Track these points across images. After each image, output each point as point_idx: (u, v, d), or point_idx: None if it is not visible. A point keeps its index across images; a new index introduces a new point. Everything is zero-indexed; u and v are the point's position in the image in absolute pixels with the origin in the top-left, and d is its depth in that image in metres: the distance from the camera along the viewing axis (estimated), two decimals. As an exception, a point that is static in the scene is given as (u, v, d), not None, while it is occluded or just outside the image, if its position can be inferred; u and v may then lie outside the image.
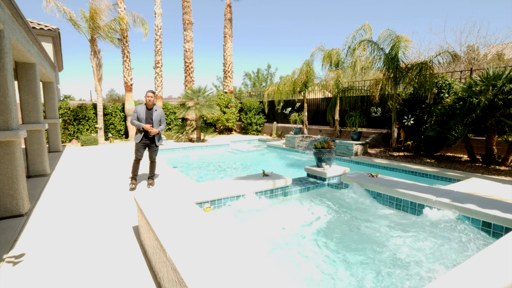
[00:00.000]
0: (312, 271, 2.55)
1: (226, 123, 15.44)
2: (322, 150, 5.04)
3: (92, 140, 11.63)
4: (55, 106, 9.45)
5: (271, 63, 34.63)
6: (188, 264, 1.82)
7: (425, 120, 8.51)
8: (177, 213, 2.78)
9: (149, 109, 5.35)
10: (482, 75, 6.91)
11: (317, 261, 2.70)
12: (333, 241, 3.06)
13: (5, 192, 3.82)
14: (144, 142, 5.34)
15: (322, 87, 12.02)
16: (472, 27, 22.44)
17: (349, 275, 2.47)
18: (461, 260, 2.55)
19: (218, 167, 8.15)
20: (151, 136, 5.33)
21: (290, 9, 64.25)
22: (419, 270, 2.45)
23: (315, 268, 2.59)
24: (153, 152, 5.44)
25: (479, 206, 3.10)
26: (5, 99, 3.73)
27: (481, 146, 7.88)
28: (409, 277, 2.38)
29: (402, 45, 8.50)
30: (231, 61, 17.08)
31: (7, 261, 2.78)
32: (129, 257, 2.86)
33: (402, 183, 4.10)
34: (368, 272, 2.49)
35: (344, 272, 2.52)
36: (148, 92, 5.27)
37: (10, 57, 3.87)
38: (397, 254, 2.72)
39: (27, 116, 6.16)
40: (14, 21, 4.25)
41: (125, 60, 13.33)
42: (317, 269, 2.57)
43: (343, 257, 2.75)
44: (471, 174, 5.87)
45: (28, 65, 5.97)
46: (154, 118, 5.32)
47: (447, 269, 2.42)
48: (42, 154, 6.34)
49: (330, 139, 5.32)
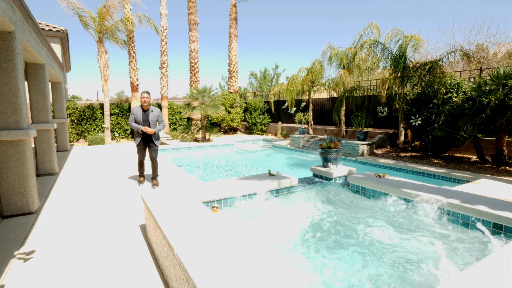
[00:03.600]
0: (318, 270, 2.54)
1: (231, 123, 15.46)
2: (328, 150, 5.01)
3: (99, 140, 11.76)
4: (63, 106, 9.59)
5: (276, 63, 34.55)
6: (196, 263, 1.82)
7: (433, 120, 8.41)
8: (184, 212, 2.79)
9: (145, 111, 5.32)
10: (492, 74, 6.80)
11: (323, 261, 2.68)
12: (339, 241, 3.04)
13: (16, 190, 3.89)
14: (143, 144, 5.39)
15: (328, 87, 11.95)
16: (481, 26, 22.10)
17: (354, 274, 2.46)
18: (472, 262, 2.51)
19: (223, 167, 8.17)
20: (149, 137, 5.35)
21: (295, 9, 64.13)
22: (429, 271, 2.42)
23: (321, 267, 2.58)
24: (153, 151, 5.45)
25: (490, 208, 3.04)
26: (16, 99, 3.79)
27: (491, 146, 7.75)
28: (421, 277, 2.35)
29: (412, 43, 8.40)
30: (236, 61, 17.10)
31: (18, 257, 2.83)
32: (137, 255, 2.88)
33: (410, 183, 4.06)
34: (378, 271, 2.47)
35: (349, 271, 2.50)
36: (143, 93, 5.19)
37: (21, 58, 3.94)
38: (407, 255, 2.70)
39: (36, 115, 6.26)
40: (24, 22, 4.32)
41: (131, 61, 13.45)
42: (323, 269, 2.55)
43: (348, 256, 2.73)
44: (480, 175, 5.78)
45: (37, 65, 6.06)
46: (151, 119, 5.31)
47: (459, 271, 2.38)
48: (51, 153, 6.44)
49: (336, 139, 5.29)
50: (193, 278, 1.65)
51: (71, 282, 2.43)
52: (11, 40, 3.71)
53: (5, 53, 3.68)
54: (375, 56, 9.29)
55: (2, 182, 3.82)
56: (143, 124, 5.27)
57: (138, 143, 5.36)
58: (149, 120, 5.32)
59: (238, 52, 17.13)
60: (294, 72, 39.92)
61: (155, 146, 5.46)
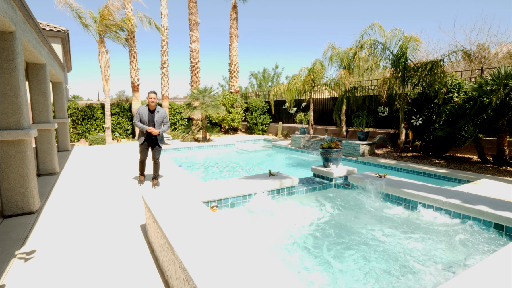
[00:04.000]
0: (318, 270, 2.53)
1: (231, 123, 15.46)
2: (329, 150, 5.01)
3: (100, 140, 11.77)
4: (64, 106, 9.60)
5: (276, 63, 34.55)
6: (196, 262, 1.82)
7: (433, 120, 8.39)
8: (184, 212, 2.79)
9: (152, 111, 5.30)
10: (493, 74, 6.78)
11: (323, 261, 2.68)
12: (339, 241, 3.03)
13: (17, 190, 3.90)
14: (147, 144, 5.37)
15: (329, 87, 11.94)
16: (482, 25, 21.98)
17: (354, 273, 2.45)
18: (473, 262, 2.50)
19: (224, 167, 8.17)
20: (153, 138, 5.34)
21: (296, 9, 64.07)
22: (430, 271, 2.41)
23: (322, 267, 2.57)
24: (156, 152, 5.45)
25: (491, 208, 3.04)
26: (16, 99, 3.80)
27: (492, 146, 7.73)
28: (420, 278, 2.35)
29: (411, 44, 8.39)
30: (237, 61, 17.10)
31: (18, 257, 2.83)
32: (137, 255, 2.89)
33: (411, 183, 4.05)
34: (381, 272, 2.47)
35: (350, 271, 2.50)
36: (151, 94, 5.15)
37: (21, 58, 3.94)
38: (409, 254, 2.69)
39: (37, 115, 6.27)
40: (25, 22, 4.33)
41: (132, 61, 13.46)
42: (323, 269, 2.55)
43: (349, 256, 2.72)
44: (481, 175, 5.76)
45: (38, 65, 6.07)
46: (156, 120, 5.28)
47: (460, 271, 2.38)
48: (51, 153, 6.45)
49: (336, 139, 5.28)
50: (193, 278, 1.65)
51: (72, 282, 2.44)
52: (12, 40, 3.72)
53: (6, 53, 3.69)
54: (375, 56, 9.28)
55: (3, 182, 3.83)
56: (148, 124, 5.24)
57: (141, 143, 5.33)
58: (155, 120, 5.28)
59: (239, 52, 17.10)
60: (294, 72, 39.96)
61: (159, 147, 5.46)
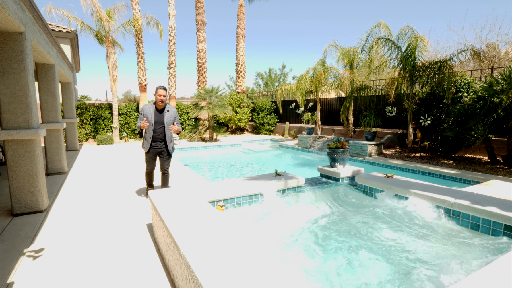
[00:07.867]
0: (324, 270, 2.51)
1: (238, 123, 15.48)
2: (336, 150, 4.96)
3: (108, 139, 11.91)
4: (73, 106, 9.74)
5: (283, 63, 34.47)
6: (202, 262, 1.82)
7: (442, 120, 8.25)
8: (190, 211, 2.79)
9: (160, 111, 4.32)
10: (504, 73, 6.63)
11: (329, 261, 2.65)
12: (346, 241, 3.00)
13: (26, 189, 3.96)
14: (154, 151, 4.39)
15: (336, 87, 11.86)
16: (493, 24, 21.60)
17: (361, 274, 2.42)
18: (482, 264, 2.45)
19: (231, 166, 8.18)
20: (162, 144, 4.37)
21: (303, 9, 63.85)
22: (436, 272, 2.37)
23: (328, 268, 2.54)
24: (165, 161, 4.47)
25: (501, 209, 2.96)
26: (26, 99, 3.86)
27: (503, 147, 7.56)
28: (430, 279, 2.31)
29: (420, 44, 8.26)
30: (244, 61, 17.11)
31: (27, 255, 2.88)
32: (143, 254, 2.90)
33: (419, 184, 3.98)
34: (386, 272, 2.43)
35: (356, 271, 2.47)
36: (159, 90, 4.19)
37: (31, 59, 4.01)
38: (414, 256, 2.65)
39: (46, 115, 6.37)
40: (34, 23, 4.40)
41: (139, 61, 13.59)
42: (329, 270, 2.52)
43: (356, 256, 2.69)
44: (491, 176, 5.64)
45: (47, 66, 6.16)
46: (166, 121, 4.31)
47: (468, 274, 2.33)
48: (60, 152, 6.54)
49: (344, 139, 5.23)
50: (198, 277, 1.65)
51: (80, 280, 2.46)
52: (21, 40, 3.78)
53: (15, 54, 3.75)
54: (384, 55, 9.17)
55: (13, 181, 3.89)
56: (155, 127, 4.27)
57: (147, 151, 4.36)
58: (164, 122, 4.30)
59: (246, 52, 17.11)
60: (301, 72, 39.76)
61: (168, 156, 4.47)
